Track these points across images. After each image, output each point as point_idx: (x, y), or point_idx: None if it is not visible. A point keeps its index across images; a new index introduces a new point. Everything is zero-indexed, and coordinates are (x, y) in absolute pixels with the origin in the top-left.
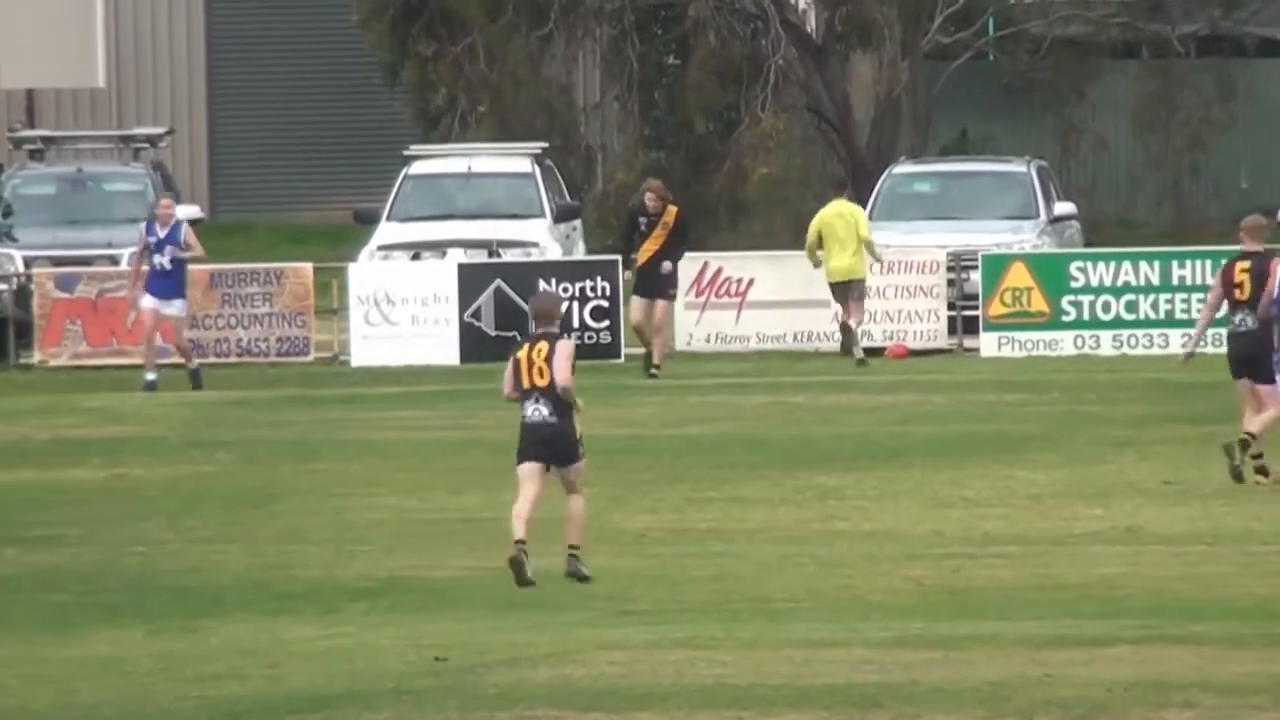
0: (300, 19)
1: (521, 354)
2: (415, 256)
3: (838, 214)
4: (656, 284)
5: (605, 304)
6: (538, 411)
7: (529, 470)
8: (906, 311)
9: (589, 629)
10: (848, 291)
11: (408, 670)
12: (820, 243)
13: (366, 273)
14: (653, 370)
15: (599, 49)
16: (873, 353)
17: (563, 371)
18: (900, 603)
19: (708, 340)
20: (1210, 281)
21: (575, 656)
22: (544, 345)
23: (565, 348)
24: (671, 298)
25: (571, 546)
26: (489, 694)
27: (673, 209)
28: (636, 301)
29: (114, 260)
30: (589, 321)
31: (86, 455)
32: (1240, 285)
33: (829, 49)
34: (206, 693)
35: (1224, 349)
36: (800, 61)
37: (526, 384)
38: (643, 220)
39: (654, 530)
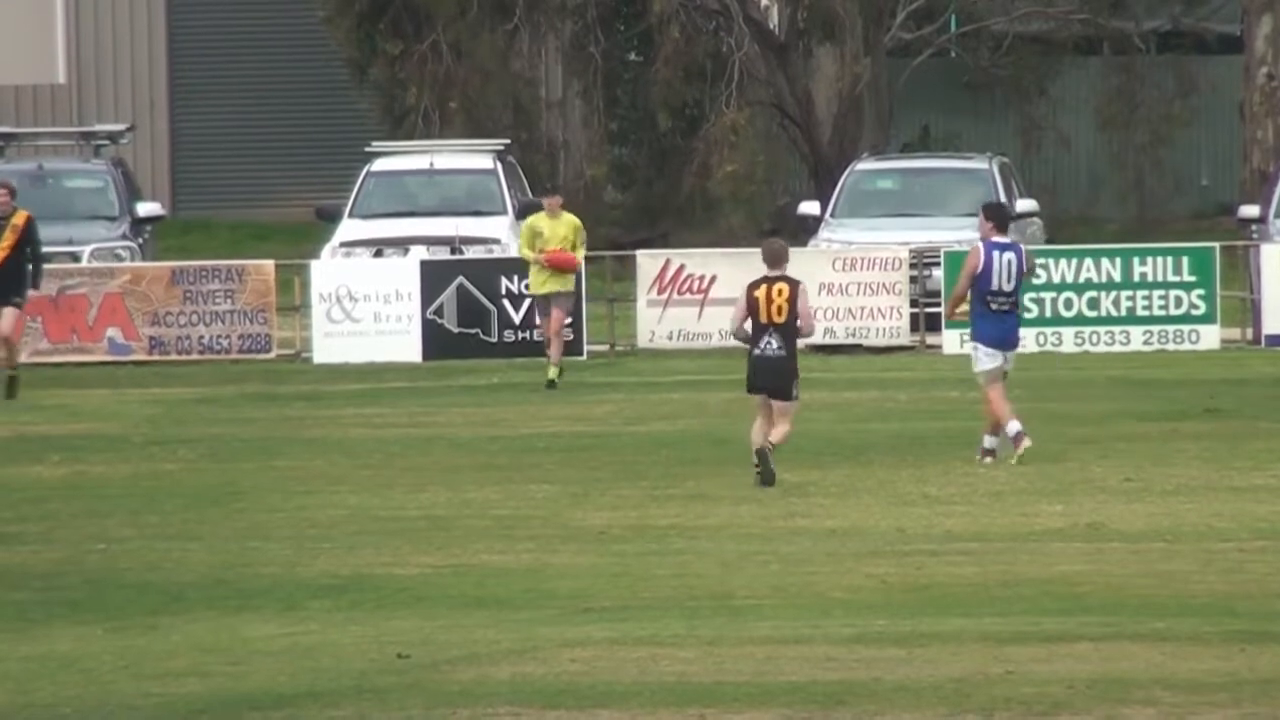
0: (262, 14)
1: (760, 293)
2: (377, 253)
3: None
4: (7, 291)
5: None
6: (769, 345)
7: (759, 401)
8: (869, 309)
9: (550, 626)
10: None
11: (370, 668)
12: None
13: (329, 270)
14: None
15: (562, 45)
16: (836, 349)
17: (809, 321)
18: (863, 600)
19: (670, 337)
20: (1171, 278)
21: (537, 654)
22: (784, 286)
23: (808, 294)
24: (17, 305)
25: (771, 445)
26: (451, 691)
27: (23, 212)
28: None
29: (75, 257)
30: None
31: (47, 452)
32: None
33: (791, 45)
34: (168, 690)
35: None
36: (763, 58)
37: (764, 320)
38: None
39: (615, 527)
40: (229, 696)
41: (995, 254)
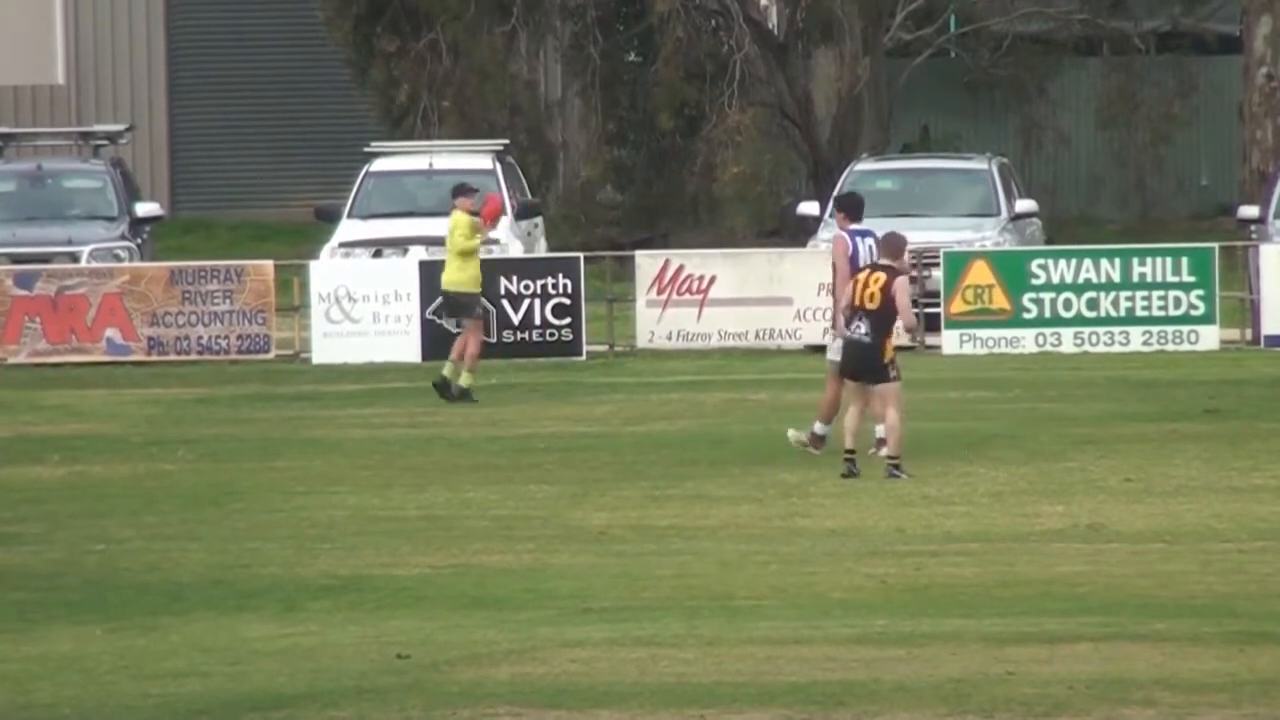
0: (261, 14)
1: (860, 276)
2: (377, 254)
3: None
4: None
5: (567, 301)
6: (859, 329)
7: (852, 387)
8: None
9: (550, 627)
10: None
11: (370, 668)
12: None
13: (328, 270)
14: None
15: (560, 45)
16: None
17: (907, 313)
18: (863, 600)
19: (669, 338)
20: (1171, 278)
21: (537, 654)
22: (881, 276)
23: (903, 284)
24: None
25: (890, 459)
26: (451, 692)
27: None
28: None
29: (74, 258)
30: (550, 319)
31: (46, 453)
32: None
33: (790, 45)
34: (167, 691)
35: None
36: (762, 58)
37: (858, 303)
38: None
39: (615, 528)
40: (229, 697)
41: (858, 240)
